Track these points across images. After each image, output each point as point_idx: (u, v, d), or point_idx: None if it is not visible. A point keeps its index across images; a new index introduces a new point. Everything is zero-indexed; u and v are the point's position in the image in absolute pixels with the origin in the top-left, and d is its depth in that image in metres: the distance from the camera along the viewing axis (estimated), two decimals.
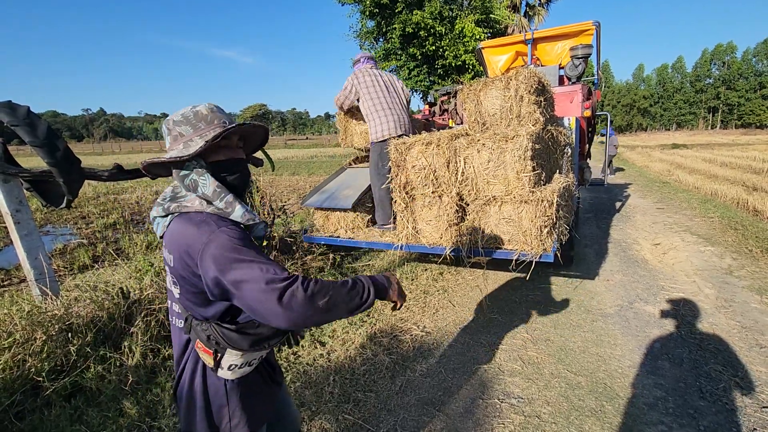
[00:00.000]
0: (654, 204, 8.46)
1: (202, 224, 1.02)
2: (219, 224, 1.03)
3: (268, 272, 0.95)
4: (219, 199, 1.08)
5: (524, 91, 2.92)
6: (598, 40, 5.73)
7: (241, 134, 1.18)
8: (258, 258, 0.98)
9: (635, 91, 71.15)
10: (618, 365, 2.74)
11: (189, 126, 1.10)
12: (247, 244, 1.01)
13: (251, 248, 1.00)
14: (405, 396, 2.48)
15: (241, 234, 1.03)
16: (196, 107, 1.12)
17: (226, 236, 0.99)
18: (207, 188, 1.09)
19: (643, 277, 4.36)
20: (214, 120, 1.11)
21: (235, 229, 1.03)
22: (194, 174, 1.09)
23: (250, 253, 0.98)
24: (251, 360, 1.15)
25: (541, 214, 2.63)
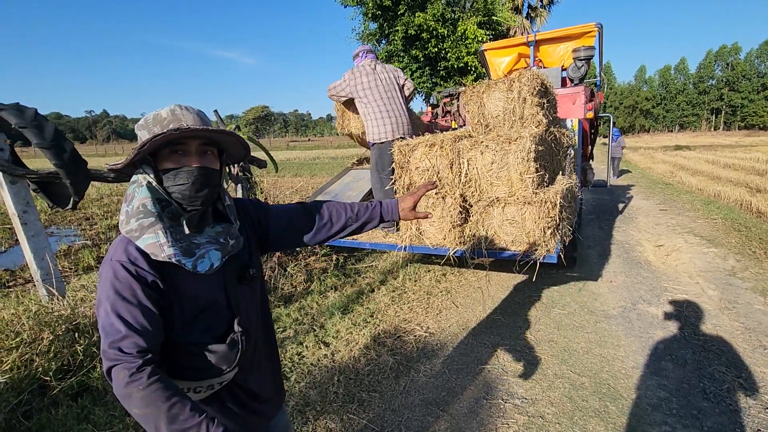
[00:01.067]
0: (657, 205, 8.45)
1: (112, 247, 0.98)
2: (120, 252, 0.96)
3: (109, 341, 0.89)
4: (135, 218, 0.97)
5: (527, 93, 2.93)
6: (601, 42, 5.74)
7: (207, 141, 1.03)
8: (113, 317, 0.90)
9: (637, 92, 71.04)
10: (621, 366, 2.74)
11: (146, 131, 1.00)
12: (121, 290, 0.92)
13: (121, 298, 0.92)
14: (409, 396, 2.50)
15: (127, 276, 0.93)
16: (161, 110, 1.02)
17: (110, 271, 0.94)
18: (135, 202, 0.99)
19: (647, 278, 4.36)
20: (171, 123, 0.99)
21: (127, 265, 0.94)
22: (135, 184, 1.00)
23: (114, 303, 0.91)
24: (195, 387, 1.04)
25: (545, 216, 2.64)
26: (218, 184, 1.09)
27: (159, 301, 0.99)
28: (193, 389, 1.05)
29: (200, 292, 1.06)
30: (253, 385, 1.17)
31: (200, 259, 1.04)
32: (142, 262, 0.96)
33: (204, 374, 1.04)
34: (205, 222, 1.10)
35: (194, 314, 1.06)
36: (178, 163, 1.00)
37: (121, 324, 0.91)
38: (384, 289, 4.14)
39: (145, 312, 0.94)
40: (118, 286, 0.93)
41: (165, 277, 1.00)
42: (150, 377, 0.88)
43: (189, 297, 1.04)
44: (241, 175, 4.48)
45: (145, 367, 0.89)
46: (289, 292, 3.98)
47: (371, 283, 4.33)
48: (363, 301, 3.88)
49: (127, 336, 0.91)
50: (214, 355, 1.05)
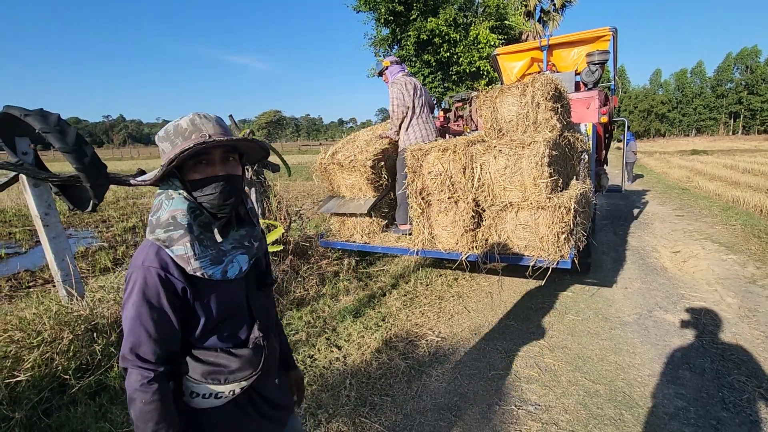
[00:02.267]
0: (673, 211, 8.30)
1: (141, 251, 1.00)
2: (152, 257, 0.97)
3: (129, 345, 0.95)
4: (164, 229, 1.00)
5: (541, 98, 2.92)
6: (615, 46, 5.69)
7: (229, 148, 1.05)
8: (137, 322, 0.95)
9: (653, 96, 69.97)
10: (637, 374, 2.70)
11: (168, 143, 1.02)
12: (150, 296, 0.95)
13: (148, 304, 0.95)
14: (421, 401, 2.49)
15: (157, 283, 0.96)
16: (180, 120, 1.03)
17: (141, 275, 0.96)
18: (163, 213, 1.00)
19: (663, 285, 4.29)
20: (193, 134, 1.00)
21: (159, 271, 0.96)
22: (164, 195, 1.02)
23: (140, 309, 0.95)
24: (217, 392, 1.04)
25: (558, 221, 2.62)
26: (242, 188, 1.12)
27: (185, 308, 1.02)
28: (214, 395, 1.06)
29: (227, 297, 1.09)
30: (269, 391, 1.18)
31: (230, 264, 1.06)
32: (173, 269, 0.99)
33: (232, 378, 1.06)
34: (230, 227, 1.12)
35: (221, 319, 1.08)
36: (204, 173, 1.02)
37: (143, 331, 0.95)
38: (396, 293, 4.14)
39: (168, 321, 0.98)
40: (147, 292, 0.96)
41: (194, 284, 1.02)
42: (155, 395, 0.95)
43: (217, 303, 1.06)
44: (255, 179, 4.54)
45: (156, 381, 0.96)
46: (301, 295, 4.00)
47: (383, 287, 4.33)
48: (375, 304, 3.89)
49: (147, 343, 0.95)
50: (240, 359, 1.07)
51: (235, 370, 1.05)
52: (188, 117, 1.03)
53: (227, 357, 1.05)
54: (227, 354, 1.06)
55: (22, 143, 3.13)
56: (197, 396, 1.04)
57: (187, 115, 1.04)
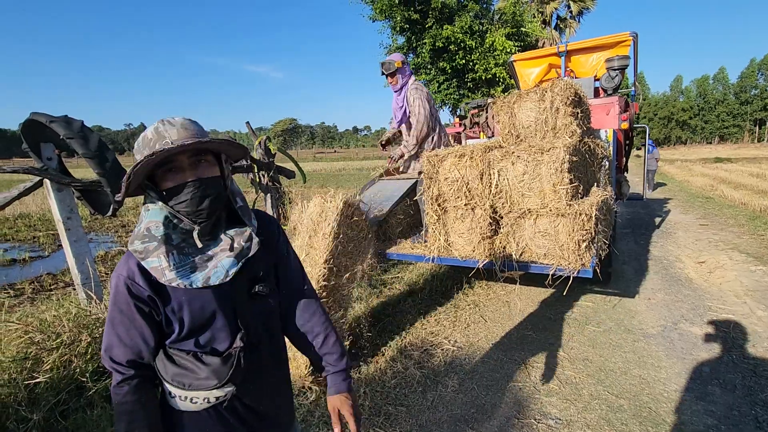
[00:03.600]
0: (697, 220, 8.05)
1: (121, 260, 1.03)
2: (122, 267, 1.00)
3: (104, 347, 1.00)
4: (141, 241, 0.99)
5: (560, 103, 2.86)
6: (635, 52, 5.58)
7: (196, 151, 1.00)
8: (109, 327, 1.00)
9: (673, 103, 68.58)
10: (663, 389, 2.59)
11: (139, 154, 0.98)
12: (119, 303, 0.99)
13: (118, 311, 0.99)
14: (437, 412, 2.43)
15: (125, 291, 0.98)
16: (147, 129, 1.00)
17: (113, 284, 1.00)
18: (141, 226, 1.00)
19: (688, 296, 4.13)
20: (156, 143, 0.96)
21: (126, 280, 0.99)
22: (143, 207, 1.03)
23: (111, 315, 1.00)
24: (192, 397, 1.03)
25: (579, 228, 2.55)
26: (222, 189, 1.06)
27: (155, 315, 1.02)
28: (189, 399, 1.04)
29: (201, 306, 1.04)
30: (256, 403, 1.13)
31: (213, 269, 1.02)
32: (139, 278, 0.99)
33: (197, 385, 1.03)
34: (218, 228, 1.08)
35: (197, 327, 1.04)
36: (174, 180, 0.99)
37: (114, 335, 1.00)
38: (410, 301, 4.09)
39: (136, 327, 1.00)
40: (117, 299, 0.99)
41: (161, 293, 1.01)
42: (125, 396, 0.99)
43: (189, 311, 1.03)
44: (270, 185, 4.57)
45: (127, 381, 0.99)
46: None
47: (397, 295, 4.29)
48: (389, 312, 3.84)
49: (117, 347, 0.99)
50: (206, 368, 1.03)
51: (201, 378, 1.02)
52: (153, 125, 1.00)
53: (194, 363, 1.03)
54: (195, 360, 1.03)
55: (47, 149, 3.22)
56: (174, 397, 1.04)
57: (153, 124, 1.00)
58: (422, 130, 3.56)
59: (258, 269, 1.15)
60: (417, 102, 3.51)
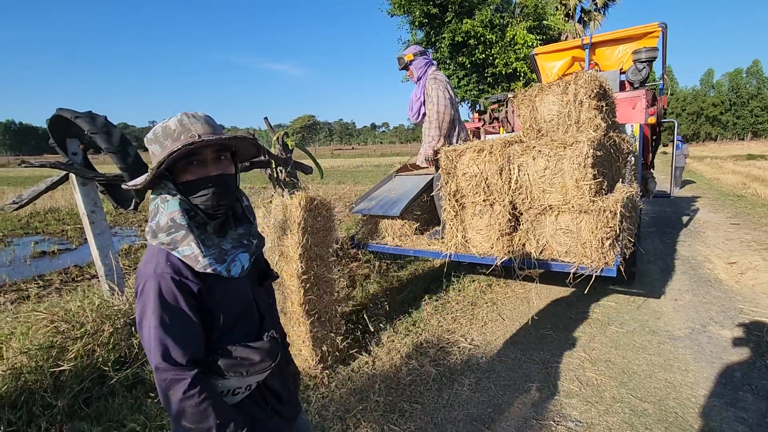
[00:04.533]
0: (727, 219, 7.73)
1: (150, 259, 0.99)
2: (163, 264, 0.96)
3: (160, 354, 0.93)
4: (167, 233, 0.98)
5: (584, 96, 2.77)
6: (664, 44, 5.36)
7: (220, 147, 1.03)
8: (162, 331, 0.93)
9: (703, 98, 65.95)
10: (690, 393, 2.48)
11: (157, 145, 1.00)
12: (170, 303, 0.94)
13: (169, 310, 0.94)
14: (452, 410, 2.39)
15: (172, 289, 0.95)
16: (168, 121, 1.00)
17: (155, 283, 0.95)
18: (162, 218, 0.99)
19: (718, 298, 3.96)
20: (182, 135, 0.98)
21: (173, 276, 0.96)
22: (159, 199, 1.01)
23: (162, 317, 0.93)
24: (234, 389, 1.05)
25: (603, 225, 2.46)
26: (237, 186, 1.10)
27: (201, 309, 1.02)
28: (232, 391, 1.06)
29: (238, 295, 1.10)
30: (278, 387, 1.19)
31: (232, 263, 1.06)
32: (186, 272, 0.98)
33: (251, 370, 1.06)
34: (227, 226, 1.12)
35: (236, 318, 1.10)
36: (196, 174, 1.01)
37: (168, 339, 0.94)
38: (427, 298, 4.05)
39: (192, 323, 0.98)
40: (163, 299, 0.95)
41: (208, 284, 1.02)
42: (202, 394, 0.94)
43: (229, 302, 1.07)
44: (288, 180, 4.59)
45: (197, 382, 0.94)
46: None
47: (414, 291, 4.25)
48: (405, 308, 3.81)
49: (176, 348, 0.94)
50: (260, 351, 1.08)
51: (257, 362, 1.07)
52: (176, 117, 1.01)
53: (248, 350, 1.07)
54: (247, 348, 1.07)
55: (72, 144, 3.30)
56: (222, 392, 1.05)
57: (175, 116, 1.01)
58: (443, 119, 3.47)
59: (261, 260, 1.27)
60: (435, 92, 3.46)
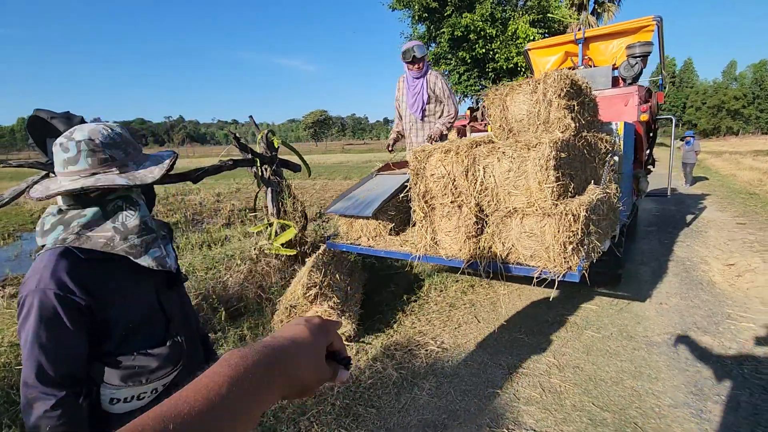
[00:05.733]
0: (734, 218, 7.47)
1: (34, 273, 0.97)
2: (47, 279, 0.94)
3: (33, 370, 0.93)
4: (138, 235, 1.03)
5: (553, 95, 2.69)
6: (661, 37, 5.18)
7: None
8: (37, 348, 0.93)
9: (724, 91, 63.75)
10: (655, 403, 2.41)
11: (120, 150, 1.04)
12: (49, 320, 0.94)
13: (48, 328, 0.94)
14: (407, 415, 2.37)
15: (54, 305, 0.94)
16: (116, 129, 1.06)
17: (36, 300, 0.93)
18: (131, 220, 1.03)
19: (706, 302, 3.84)
20: (136, 144, 1.09)
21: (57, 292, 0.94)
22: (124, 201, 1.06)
23: (39, 334, 0.93)
24: (139, 394, 1.06)
25: (565, 230, 2.39)
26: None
27: (94, 321, 1.01)
28: (136, 396, 1.07)
29: (142, 302, 1.11)
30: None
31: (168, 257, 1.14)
32: (73, 287, 0.97)
33: (151, 377, 1.08)
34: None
35: (138, 325, 1.09)
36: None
37: (42, 356, 0.93)
38: (406, 298, 4.02)
39: (70, 340, 0.97)
40: (43, 316, 0.94)
41: (106, 296, 1.01)
42: (60, 418, 0.93)
43: (132, 309, 1.07)
44: (273, 179, 4.59)
45: (61, 403, 0.93)
46: None
47: (394, 291, 4.23)
48: (382, 309, 3.80)
49: (48, 367, 0.93)
50: (158, 358, 1.09)
51: (155, 369, 1.07)
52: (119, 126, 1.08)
53: (145, 358, 1.07)
54: (144, 356, 1.07)
55: (52, 144, 3.35)
56: (118, 401, 1.05)
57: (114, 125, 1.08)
58: (457, 110, 3.81)
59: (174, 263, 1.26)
60: (446, 85, 3.81)
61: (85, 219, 1.00)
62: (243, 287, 3.85)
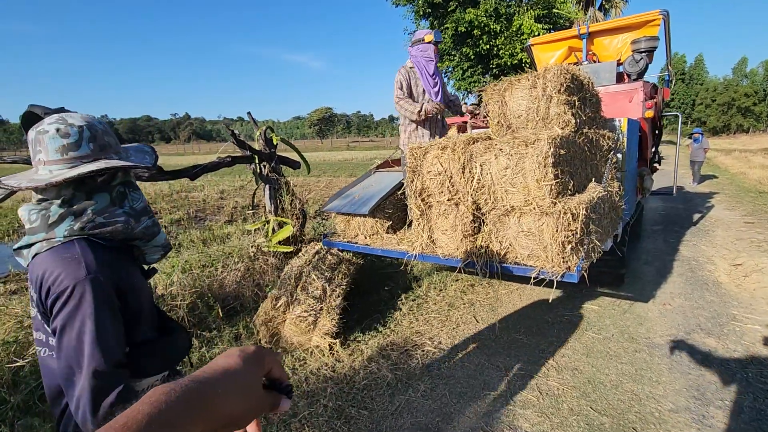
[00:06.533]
0: (742, 217, 7.33)
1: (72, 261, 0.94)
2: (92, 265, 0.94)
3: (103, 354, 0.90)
4: (148, 216, 1.07)
5: (553, 90, 2.61)
6: (667, 32, 5.06)
7: None
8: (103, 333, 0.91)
9: (735, 87, 62.78)
10: (655, 407, 2.34)
11: (111, 137, 1.06)
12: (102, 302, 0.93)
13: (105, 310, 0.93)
14: (400, 418, 2.32)
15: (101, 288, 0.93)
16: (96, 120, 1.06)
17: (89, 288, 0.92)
18: (139, 203, 1.07)
19: (711, 303, 3.75)
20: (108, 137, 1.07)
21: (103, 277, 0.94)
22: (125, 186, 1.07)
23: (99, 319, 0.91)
24: (155, 383, 1.05)
25: (564, 229, 2.32)
26: None
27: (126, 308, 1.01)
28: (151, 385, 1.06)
29: (145, 288, 1.12)
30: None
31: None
32: (112, 274, 0.97)
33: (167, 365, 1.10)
34: None
35: (148, 310, 1.10)
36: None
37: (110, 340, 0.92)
38: (404, 297, 3.98)
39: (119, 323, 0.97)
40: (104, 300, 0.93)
41: (127, 281, 1.02)
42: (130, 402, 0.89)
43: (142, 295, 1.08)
44: (271, 176, 4.55)
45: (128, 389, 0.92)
46: None
47: (393, 290, 4.18)
48: (380, 308, 3.75)
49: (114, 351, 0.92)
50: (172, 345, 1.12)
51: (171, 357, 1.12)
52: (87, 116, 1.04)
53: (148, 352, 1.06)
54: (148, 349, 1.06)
55: None
56: None
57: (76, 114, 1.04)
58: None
59: None
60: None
61: (99, 206, 1.00)
62: (240, 285, 3.82)
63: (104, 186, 1.02)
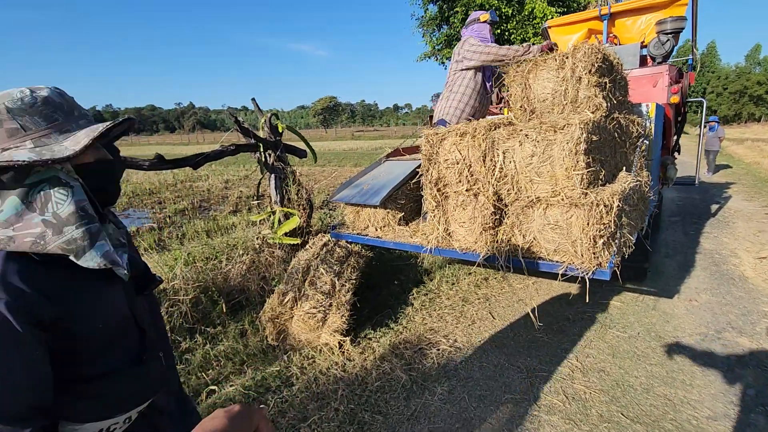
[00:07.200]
0: (762, 208, 7.08)
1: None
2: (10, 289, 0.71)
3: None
4: (76, 225, 0.77)
5: (583, 71, 2.40)
6: (694, 13, 4.79)
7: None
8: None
9: (747, 75, 61.41)
10: (692, 414, 2.18)
11: (39, 117, 0.78)
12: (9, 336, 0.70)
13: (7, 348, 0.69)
14: (417, 423, 2.18)
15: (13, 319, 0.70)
16: (38, 92, 0.80)
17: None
18: (66, 207, 0.77)
19: (740, 299, 3.56)
20: (74, 111, 0.83)
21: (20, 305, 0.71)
22: (47, 184, 0.77)
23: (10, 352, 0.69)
24: (110, 426, 0.86)
25: (596, 222, 2.14)
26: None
27: (54, 340, 0.77)
28: (106, 429, 0.86)
29: (113, 310, 0.89)
30: (165, 403, 1.01)
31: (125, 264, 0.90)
32: (35, 297, 0.74)
33: (127, 405, 0.88)
34: (103, 220, 0.92)
35: (110, 339, 0.87)
36: (96, 155, 0.86)
37: (3, 383, 0.70)
38: (416, 292, 3.82)
39: (38, 360, 0.74)
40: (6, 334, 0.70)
41: (68, 303, 0.79)
42: None
43: (102, 320, 0.85)
44: (277, 165, 4.38)
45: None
46: None
47: (403, 283, 4.02)
48: (391, 303, 3.59)
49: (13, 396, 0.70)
50: (135, 380, 0.89)
51: (135, 393, 0.89)
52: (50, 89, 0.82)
53: (118, 383, 0.86)
54: (119, 380, 0.86)
55: None
56: None
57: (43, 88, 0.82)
58: None
59: (140, 265, 1.02)
60: None
61: (2, 215, 0.74)
62: (245, 279, 3.67)
63: (13, 185, 0.76)
